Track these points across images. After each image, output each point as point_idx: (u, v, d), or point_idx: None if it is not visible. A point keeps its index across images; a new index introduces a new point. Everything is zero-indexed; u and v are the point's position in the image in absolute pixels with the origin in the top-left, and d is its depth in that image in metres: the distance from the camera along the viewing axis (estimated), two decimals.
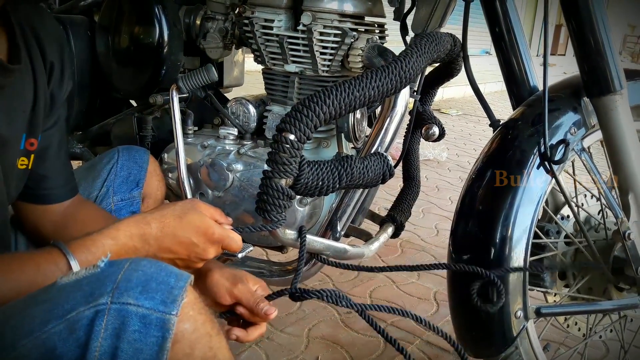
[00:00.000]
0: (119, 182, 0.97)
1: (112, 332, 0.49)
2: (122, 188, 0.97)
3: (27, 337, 0.49)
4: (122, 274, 0.52)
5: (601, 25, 0.97)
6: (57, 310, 0.49)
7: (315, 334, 1.49)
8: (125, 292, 0.50)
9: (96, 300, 0.50)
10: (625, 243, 1.04)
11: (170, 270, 0.54)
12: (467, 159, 3.57)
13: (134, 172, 0.99)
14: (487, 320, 0.99)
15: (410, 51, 0.91)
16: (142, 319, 0.50)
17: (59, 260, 0.59)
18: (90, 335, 0.49)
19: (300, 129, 0.79)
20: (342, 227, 1.10)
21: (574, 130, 1.03)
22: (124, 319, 0.50)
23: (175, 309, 0.51)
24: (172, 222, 0.70)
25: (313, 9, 1.06)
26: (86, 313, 0.49)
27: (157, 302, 0.51)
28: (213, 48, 1.24)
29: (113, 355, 0.49)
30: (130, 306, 0.50)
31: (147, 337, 0.50)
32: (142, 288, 0.51)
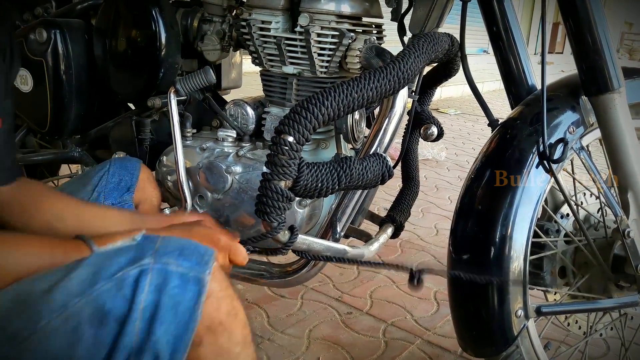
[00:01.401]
0: (110, 188, 0.97)
1: (155, 287, 0.56)
2: (113, 194, 0.96)
3: (78, 296, 0.55)
4: (160, 242, 0.60)
5: (599, 23, 0.97)
6: (104, 272, 0.56)
7: (316, 335, 1.49)
8: (165, 255, 0.58)
9: (140, 261, 0.57)
10: (624, 241, 1.04)
11: (198, 243, 0.63)
12: (466, 159, 3.57)
13: (125, 179, 0.99)
14: (488, 319, 0.99)
15: (408, 52, 0.91)
16: (181, 276, 0.58)
17: (84, 250, 0.63)
18: (136, 291, 0.56)
19: (298, 130, 0.79)
20: (342, 228, 1.10)
21: (572, 129, 1.03)
22: (165, 276, 0.57)
23: (208, 270, 0.60)
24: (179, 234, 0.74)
25: (310, 10, 1.06)
26: (132, 272, 0.56)
27: (193, 263, 0.59)
28: (210, 50, 1.24)
29: (156, 307, 0.56)
30: (170, 265, 0.58)
31: (185, 291, 0.58)
32: (179, 252, 0.59)
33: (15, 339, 0.53)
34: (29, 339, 0.54)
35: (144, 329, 0.56)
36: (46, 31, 1.17)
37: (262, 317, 1.54)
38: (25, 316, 0.54)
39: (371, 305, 1.67)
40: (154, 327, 0.56)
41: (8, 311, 0.55)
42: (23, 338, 0.54)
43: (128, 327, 0.55)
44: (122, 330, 0.55)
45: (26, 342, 0.54)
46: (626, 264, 1.07)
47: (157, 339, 0.56)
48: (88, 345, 0.54)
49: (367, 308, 1.65)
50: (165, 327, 0.56)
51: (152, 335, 0.56)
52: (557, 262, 1.15)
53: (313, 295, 1.69)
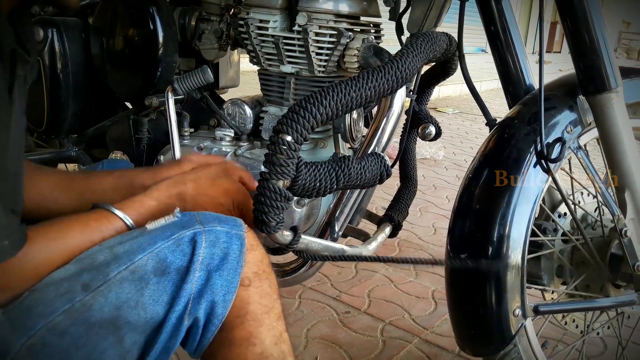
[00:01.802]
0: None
1: (209, 243, 0.66)
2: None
3: (141, 253, 0.64)
4: (198, 216, 0.69)
5: (596, 23, 0.97)
6: (162, 236, 0.65)
7: (314, 334, 1.49)
8: (209, 222, 0.68)
9: (192, 227, 0.67)
10: (622, 240, 1.04)
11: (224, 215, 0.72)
12: (464, 158, 3.57)
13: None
14: (486, 318, 0.99)
15: (406, 51, 0.91)
16: (226, 234, 0.68)
17: (113, 220, 0.69)
18: (195, 247, 0.65)
19: (297, 130, 0.79)
20: (340, 227, 1.10)
21: (570, 128, 1.03)
22: (215, 235, 0.67)
23: (243, 229, 0.71)
24: (205, 183, 0.81)
25: (308, 9, 1.06)
26: (187, 234, 0.66)
27: (231, 226, 0.70)
28: (208, 49, 1.23)
29: (211, 259, 0.66)
30: (217, 227, 0.68)
31: (232, 244, 0.68)
32: (218, 220, 0.70)
33: (89, 287, 0.61)
34: (101, 287, 0.61)
35: (203, 277, 0.65)
36: (43, 30, 1.16)
37: None
38: (95, 271, 0.62)
39: (369, 304, 1.67)
40: (212, 275, 0.66)
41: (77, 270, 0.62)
42: (96, 286, 0.61)
43: (189, 276, 0.64)
44: (183, 279, 0.64)
45: (99, 289, 0.61)
46: (623, 263, 1.07)
47: (213, 284, 0.65)
48: (152, 291, 0.63)
49: (365, 307, 1.65)
50: (219, 274, 0.66)
51: (210, 282, 0.65)
52: (554, 261, 1.15)
53: (311, 294, 1.69)
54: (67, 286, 0.61)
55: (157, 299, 0.63)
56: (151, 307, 0.63)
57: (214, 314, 0.66)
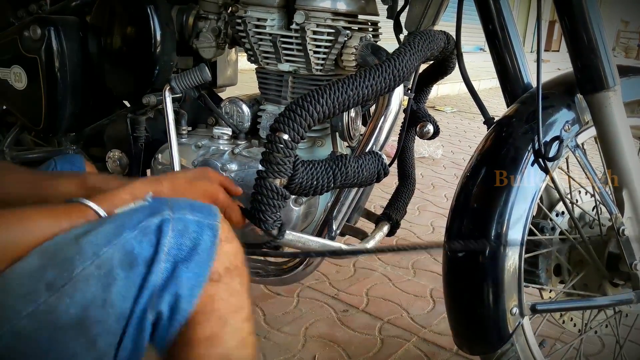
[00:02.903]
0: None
1: (177, 232, 0.63)
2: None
3: (107, 245, 0.60)
4: (170, 201, 0.65)
5: (594, 22, 0.97)
6: (128, 224, 0.62)
7: (312, 332, 1.49)
8: (180, 209, 0.64)
9: (160, 214, 0.63)
10: (619, 239, 1.05)
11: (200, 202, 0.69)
12: (462, 156, 3.57)
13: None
14: (483, 317, 0.99)
15: (403, 49, 0.91)
16: (197, 224, 0.64)
17: (86, 212, 0.66)
18: (160, 236, 0.62)
19: (294, 128, 0.79)
20: (338, 226, 1.10)
21: (567, 127, 1.03)
22: (184, 224, 0.63)
23: (218, 219, 0.67)
24: (182, 184, 0.79)
25: (306, 7, 1.06)
26: (154, 221, 0.62)
27: (204, 215, 0.66)
28: (206, 48, 1.23)
29: (178, 249, 0.62)
30: (187, 215, 0.64)
31: (203, 235, 0.64)
32: (191, 207, 0.66)
33: (53, 287, 0.57)
34: (65, 286, 0.58)
35: (168, 269, 0.61)
36: (40, 28, 1.16)
37: (258, 315, 1.54)
38: (59, 267, 0.58)
39: (367, 303, 1.67)
40: (178, 266, 0.62)
41: (40, 265, 0.59)
42: (60, 285, 0.58)
43: (154, 267, 0.60)
44: (149, 270, 0.60)
45: (64, 288, 0.58)
46: (621, 261, 1.07)
47: (178, 276, 0.62)
48: (120, 287, 0.59)
49: (363, 306, 1.65)
50: (186, 266, 0.62)
51: (175, 274, 0.61)
52: (552, 259, 1.15)
53: (309, 293, 1.69)
54: (29, 285, 0.57)
55: (125, 295, 0.60)
56: (120, 303, 0.59)
57: (178, 309, 0.62)
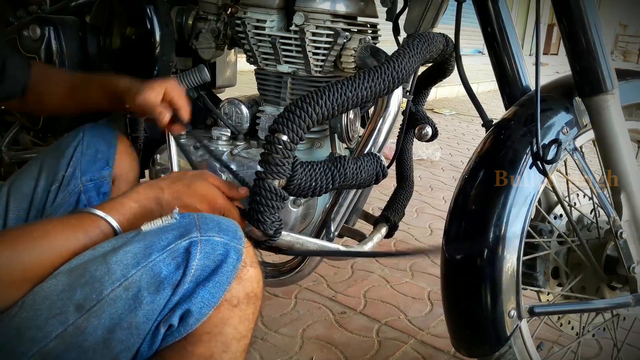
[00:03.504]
0: (86, 160, 0.91)
1: (205, 254, 0.63)
2: (90, 167, 0.91)
3: (135, 267, 0.61)
4: (197, 220, 0.65)
5: (592, 25, 0.97)
6: (156, 246, 0.62)
7: (309, 334, 1.48)
8: (208, 230, 0.64)
9: (189, 235, 0.63)
10: (617, 242, 1.05)
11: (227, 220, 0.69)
12: (461, 159, 3.58)
13: (103, 150, 0.94)
14: (481, 319, 0.99)
15: (402, 52, 0.91)
16: (224, 246, 0.64)
17: (99, 223, 0.67)
18: (188, 259, 0.62)
19: (292, 129, 0.79)
20: (336, 227, 1.10)
21: (566, 130, 1.03)
22: (212, 246, 0.64)
23: (243, 243, 0.67)
24: (181, 189, 0.79)
25: (305, 9, 1.06)
26: (183, 244, 0.62)
27: (231, 237, 0.66)
28: (205, 48, 1.23)
29: (202, 270, 0.63)
30: (215, 237, 0.64)
31: (228, 258, 0.64)
32: (218, 227, 0.66)
33: (83, 308, 0.59)
34: (94, 307, 0.59)
35: (190, 289, 0.62)
36: (40, 28, 1.16)
37: None
38: (88, 287, 0.59)
39: (365, 304, 1.67)
40: (198, 286, 0.62)
41: (69, 285, 0.59)
42: (90, 307, 0.59)
43: (179, 289, 0.61)
44: (174, 292, 0.61)
45: (92, 309, 0.59)
46: (618, 264, 1.07)
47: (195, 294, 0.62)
48: (146, 310, 0.60)
49: (361, 307, 1.65)
50: (205, 285, 0.63)
51: (194, 293, 0.62)
52: (550, 262, 1.15)
53: (307, 294, 1.69)
54: (59, 306, 0.58)
55: (149, 317, 0.61)
56: (143, 325, 0.61)
57: (185, 323, 0.63)
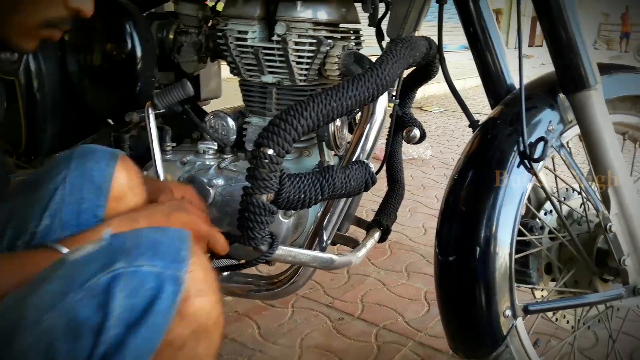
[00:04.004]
0: (68, 211, 0.72)
1: (130, 292, 0.53)
2: (72, 220, 0.72)
3: (50, 310, 0.51)
4: (131, 242, 0.56)
5: (573, 22, 0.98)
6: (75, 282, 0.53)
7: (308, 343, 1.48)
8: (138, 256, 0.54)
9: (112, 266, 0.53)
10: (607, 235, 1.05)
11: (171, 234, 0.59)
12: (451, 156, 3.59)
13: (90, 198, 0.74)
14: (476, 321, 0.99)
15: (385, 58, 0.90)
16: (156, 276, 0.54)
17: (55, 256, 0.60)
18: (109, 297, 0.52)
19: (278, 143, 0.78)
20: (328, 236, 1.10)
21: (552, 127, 1.03)
22: (140, 279, 0.53)
23: (184, 267, 0.56)
24: (160, 219, 0.74)
25: (287, 18, 1.05)
26: (104, 279, 0.52)
27: (168, 262, 0.55)
28: (188, 62, 1.23)
29: (131, 311, 0.52)
30: (144, 267, 0.54)
31: (163, 292, 0.54)
32: (153, 252, 0.55)
33: None
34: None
35: (119, 336, 0.51)
36: None
37: (252, 328, 1.53)
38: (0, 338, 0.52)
39: (362, 309, 1.66)
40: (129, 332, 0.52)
41: None
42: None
43: (103, 336, 0.51)
44: (97, 341, 0.51)
45: None
46: (609, 257, 1.08)
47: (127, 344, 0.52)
48: None
49: (358, 312, 1.64)
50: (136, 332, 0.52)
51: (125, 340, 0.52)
52: (542, 258, 1.15)
53: (304, 302, 1.69)
54: None
55: None
56: None
57: None
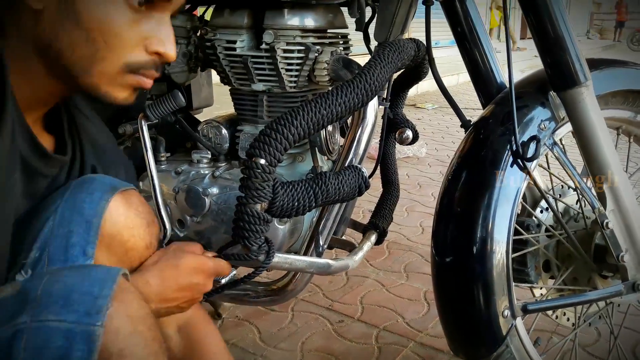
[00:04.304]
0: (56, 245, 0.67)
1: (33, 351, 0.46)
2: (59, 255, 0.66)
3: None
4: (42, 288, 0.49)
5: (560, 19, 0.98)
6: None
7: (309, 347, 1.48)
8: (46, 308, 0.48)
9: (15, 320, 0.47)
10: (604, 232, 1.05)
11: (93, 277, 0.52)
12: (447, 153, 3.59)
13: (79, 232, 0.68)
14: (475, 322, 0.99)
15: (374, 62, 0.90)
16: (65, 333, 0.47)
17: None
18: (10, 357, 0.46)
19: (269, 152, 0.78)
20: (325, 240, 1.10)
21: (544, 125, 1.03)
22: (45, 336, 0.47)
23: (100, 320, 0.49)
24: (171, 273, 0.73)
25: (274, 26, 1.05)
26: (6, 334, 0.47)
27: (80, 315, 0.48)
28: (178, 72, 1.22)
29: None
30: (51, 322, 0.47)
31: (72, 351, 0.47)
32: (64, 301, 0.49)
33: None
34: None
35: None
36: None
37: (253, 333, 1.53)
38: None
39: (362, 311, 1.66)
40: None
41: None
42: None
43: None
44: None
45: None
46: (608, 254, 1.08)
47: None
48: None
49: (358, 315, 1.64)
50: None
51: None
52: (540, 256, 1.15)
53: (303, 306, 1.69)
54: None
55: None
56: None
57: None
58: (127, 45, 0.66)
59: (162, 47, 0.69)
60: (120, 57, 0.67)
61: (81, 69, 0.66)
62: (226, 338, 1.50)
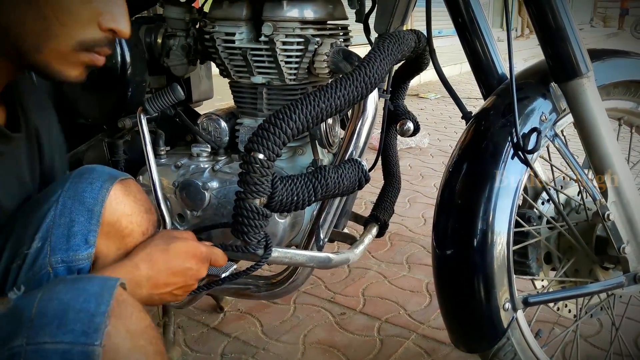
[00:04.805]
0: (58, 234, 0.67)
1: None
2: (62, 244, 0.67)
3: None
4: (36, 308, 0.48)
5: (562, 10, 0.97)
6: None
7: (311, 339, 1.48)
8: (41, 329, 0.46)
9: (11, 342, 0.46)
10: (605, 224, 1.05)
11: (89, 291, 0.50)
12: (449, 143, 3.57)
13: (81, 221, 0.69)
14: (476, 315, 0.99)
15: (373, 55, 0.90)
16: (62, 355, 0.46)
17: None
18: None
19: (268, 147, 0.78)
20: (325, 234, 1.10)
21: (545, 116, 1.02)
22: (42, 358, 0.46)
23: (98, 339, 0.47)
24: (160, 256, 0.72)
25: (273, 18, 1.05)
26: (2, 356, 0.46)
27: (77, 335, 0.47)
28: (177, 65, 1.22)
29: None
30: (47, 344, 0.46)
31: None
32: (59, 322, 0.47)
33: None
34: None
35: None
36: None
37: (255, 326, 1.54)
38: None
39: (364, 303, 1.67)
40: None
41: None
42: None
43: None
44: None
45: None
46: (609, 245, 1.07)
47: None
48: None
49: (360, 307, 1.65)
50: None
51: None
52: (541, 248, 1.15)
53: (305, 298, 1.69)
54: None
55: None
56: None
57: None
58: (80, 22, 0.64)
59: (116, 23, 0.67)
60: (73, 35, 0.64)
61: (31, 46, 0.63)
62: (228, 331, 1.51)
